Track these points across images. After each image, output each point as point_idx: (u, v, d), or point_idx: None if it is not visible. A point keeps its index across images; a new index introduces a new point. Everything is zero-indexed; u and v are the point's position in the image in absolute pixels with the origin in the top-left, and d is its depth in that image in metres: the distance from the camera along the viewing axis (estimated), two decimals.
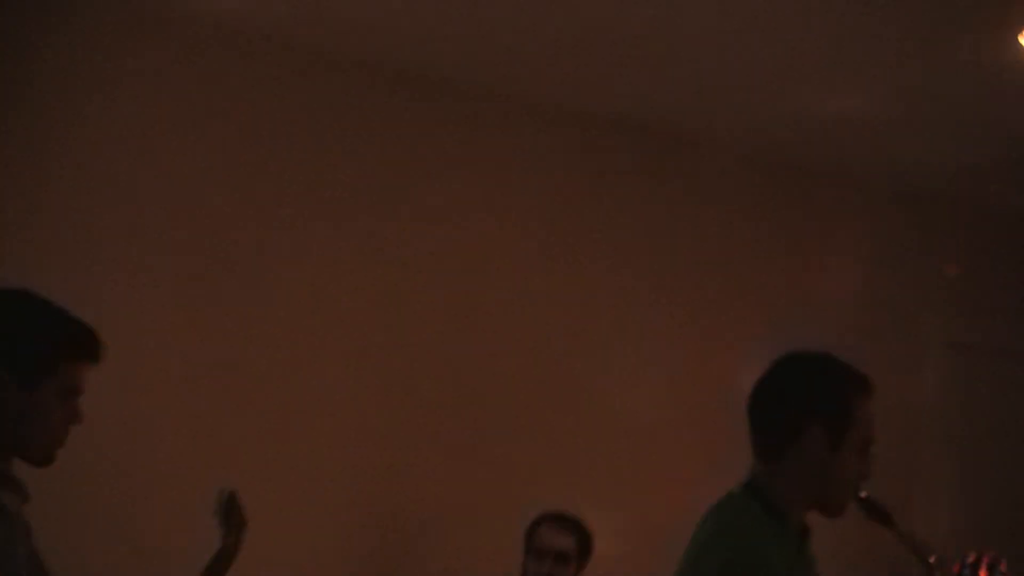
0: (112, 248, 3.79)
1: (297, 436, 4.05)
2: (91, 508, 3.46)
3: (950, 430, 5.37)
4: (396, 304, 4.29)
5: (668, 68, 4.25)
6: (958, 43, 3.90)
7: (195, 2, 3.83)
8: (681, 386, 4.78)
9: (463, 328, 4.42)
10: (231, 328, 3.98)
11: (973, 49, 3.88)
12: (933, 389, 5.36)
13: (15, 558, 2.06)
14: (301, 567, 3.96)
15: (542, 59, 4.20)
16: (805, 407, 2.12)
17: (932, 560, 2.20)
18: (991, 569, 4.01)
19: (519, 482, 4.39)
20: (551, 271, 4.60)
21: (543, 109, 4.59)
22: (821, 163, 5.13)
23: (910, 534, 2.21)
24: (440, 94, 4.40)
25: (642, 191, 4.79)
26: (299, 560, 3.94)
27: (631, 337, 4.71)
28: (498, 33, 4.02)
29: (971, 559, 4.08)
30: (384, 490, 4.27)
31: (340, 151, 4.22)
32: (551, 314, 4.56)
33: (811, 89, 4.37)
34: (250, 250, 4.04)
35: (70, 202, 3.73)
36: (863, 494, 2.17)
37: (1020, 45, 3.65)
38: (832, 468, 2.10)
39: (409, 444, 4.26)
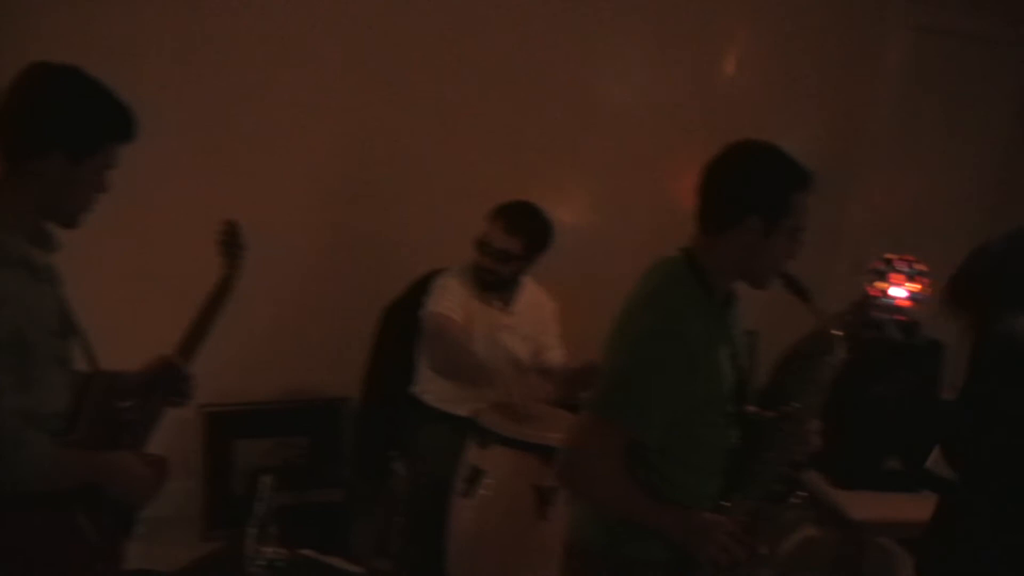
0: None
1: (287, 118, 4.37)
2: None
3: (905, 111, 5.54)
4: None
5: None
6: None
7: None
8: (660, 79, 4.99)
9: (450, 18, 4.56)
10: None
11: None
12: (894, 72, 5.51)
13: (43, 309, 2.23)
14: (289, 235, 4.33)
15: None
16: (747, 198, 2.33)
17: (838, 334, 2.46)
18: (908, 263, 4.37)
19: (497, 166, 4.65)
20: None
21: None
22: None
23: (822, 310, 2.47)
24: None
25: None
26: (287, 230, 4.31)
27: (614, 27, 4.84)
28: None
29: (891, 257, 4.43)
30: (363, 159, 4.57)
31: None
32: (536, 7, 4.67)
33: None
34: None
35: None
36: (787, 272, 2.43)
37: None
38: (763, 250, 2.34)
39: (394, 121, 4.53)
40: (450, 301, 3.88)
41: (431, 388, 4.03)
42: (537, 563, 3.46)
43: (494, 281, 3.92)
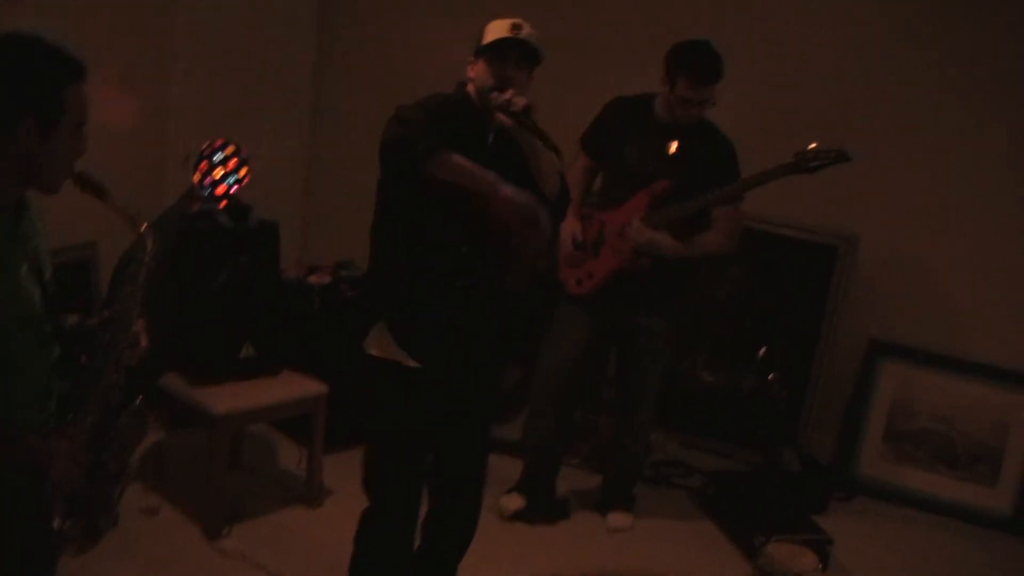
0: None
1: None
2: None
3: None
4: None
5: None
6: None
7: None
8: None
9: None
10: None
11: None
12: None
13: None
14: None
15: None
16: (14, 98, 2.11)
17: (143, 228, 2.38)
18: (230, 150, 4.42)
19: None
20: None
21: None
22: None
23: (123, 205, 2.36)
24: None
25: None
26: None
27: None
28: None
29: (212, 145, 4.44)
30: None
31: None
32: None
33: None
34: None
35: None
36: (77, 171, 2.29)
37: None
38: (45, 153, 2.15)
39: None
40: None
41: None
42: None
43: None
